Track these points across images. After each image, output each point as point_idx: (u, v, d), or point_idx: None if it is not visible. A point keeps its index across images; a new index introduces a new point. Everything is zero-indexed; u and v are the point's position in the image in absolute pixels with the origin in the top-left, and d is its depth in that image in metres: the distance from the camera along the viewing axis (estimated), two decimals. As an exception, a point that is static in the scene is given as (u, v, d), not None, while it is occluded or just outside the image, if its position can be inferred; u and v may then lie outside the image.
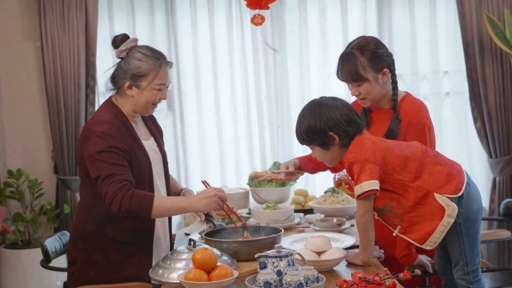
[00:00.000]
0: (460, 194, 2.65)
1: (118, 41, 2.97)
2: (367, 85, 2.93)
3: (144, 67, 2.91)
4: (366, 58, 2.92)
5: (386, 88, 2.99)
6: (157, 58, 2.94)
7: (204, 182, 2.92)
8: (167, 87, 3.02)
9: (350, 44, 3.01)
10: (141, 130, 3.07)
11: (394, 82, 3.00)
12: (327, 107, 2.68)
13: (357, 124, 2.69)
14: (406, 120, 2.96)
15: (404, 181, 2.64)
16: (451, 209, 2.61)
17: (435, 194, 2.63)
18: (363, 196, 2.61)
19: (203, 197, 2.85)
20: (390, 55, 3.01)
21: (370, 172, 2.60)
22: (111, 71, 3.03)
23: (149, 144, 3.06)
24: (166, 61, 2.98)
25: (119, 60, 2.98)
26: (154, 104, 3.00)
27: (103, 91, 5.15)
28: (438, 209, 2.62)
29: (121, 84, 2.96)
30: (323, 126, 2.65)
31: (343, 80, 3.00)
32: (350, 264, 2.75)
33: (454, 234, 2.66)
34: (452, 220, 2.61)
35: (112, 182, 2.77)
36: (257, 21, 3.59)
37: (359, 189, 2.61)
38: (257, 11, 3.49)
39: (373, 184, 2.60)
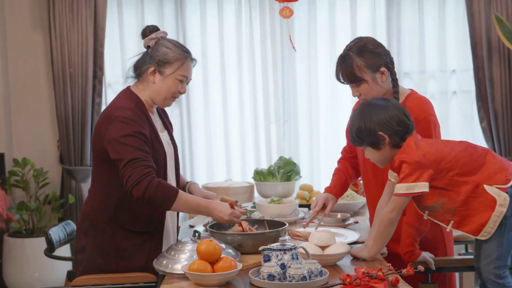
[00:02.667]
0: (510, 184, 2.65)
1: (148, 31, 3.03)
2: (366, 85, 2.93)
3: (171, 55, 2.97)
4: (361, 59, 2.92)
5: (386, 87, 2.98)
6: (185, 51, 3.01)
7: (231, 204, 2.95)
8: (187, 82, 3.06)
9: (346, 46, 3.01)
10: (157, 121, 3.09)
11: (394, 80, 2.98)
12: (377, 107, 2.71)
13: (406, 125, 2.70)
14: (412, 118, 2.95)
15: (454, 177, 2.64)
16: (503, 199, 2.62)
17: (485, 186, 2.64)
18: (402, 196, 2.63)
19: (219, 213, 2.89)
20: (387, 54, 2.99)
21: (419, 175, 2.61)
22: (133, 60, 3.07)
23: (164, 136, 3.08)
24: (192, 57, 3.05)
25: (145, 49, 3.03)
26: (173, 97, 3.02)
27: (110, 82, 5.25)
28: (490, 200, 2.62)
29: (144, 69, 2.99)
30: (372, 126, 2.68)
31: (342, 82, 3.00)
32: (354, 259, 2.75)
33: (499, 226, 2.66)
34: (505, 210, 2.62)
35: (138, 166, 2.78)
36: (285, 13, 3.60)
37: (403, 188, 2.62)
38: (285, 4, 3.50)
39: (420, 187, 2.61)
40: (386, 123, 2.68)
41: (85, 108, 5.08)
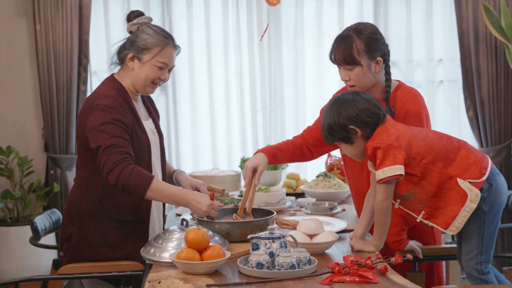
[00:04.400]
0: (484, 178, 2.64)
1: (133, 16, 3.01)
2: (359, 70, 2.89)
3: (150, 41, 2.94)
4: (362, 42, 2.88)
5: (378, 78, 2.96)
6: (166, 37, 2.97)
7: (211, 195, 2.91)
8: (170, 70, 3.02)
9: (347, 28, 2.98)
10: (141, 109, 3.07)
11: (388, 73, 2.95)
12: (346, 102, 2.69)
13: (377, 115, 2.68)
14: (404, 110, 2.93)
15: (428, 166, 2.63)
16: (474, 195, 2.61)
17: (458, 179, 2.63)
18: (384, 181, 2.60)
19: (197, 204, 2.81)
20: (386, 45, 2.98)
21: (394, 158, 2.59)
22: (118, 46, 3.05)
23: (148, 125, 3.06)
24: (174, 43, 3.00)
25: (129, 34, 3.01)
26: (154, 83, 2.99)
27: (95, 70, 5.20)
28: (461, 194, 2.62)
29: (124, 56, 2.97)
30: (342, 121, 2.66)
31: (335, 62, 2.95)
32: (341, 247, 2.75)
33: (477, 222, 2.65)
34: (474, 206, 2.61)
35: (114, 152, 2.76)
36: (272, 1, 3.58)
37: (381, 173, 2.60)
38: None
39: (396, 169, 2.59)
40: (356, 116, 2.66)
41: (70, 96, 5.03)
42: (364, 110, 2.66)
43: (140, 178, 2.75)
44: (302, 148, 3.22)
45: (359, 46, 2.87)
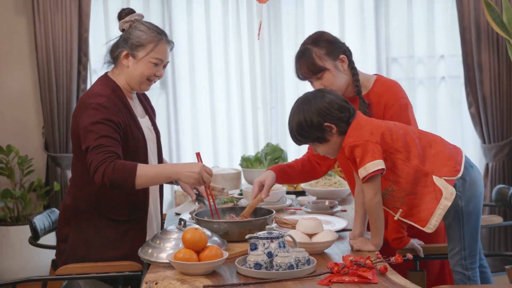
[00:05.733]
0: (459, 175, 2.62)
1: (124, 13, 2.99)
2: (329, 75, 2.89)
3: (144, 38, 2.92)
4: (321, 48, 2.90)
5: (349, 75, 2.96)
6: (159, 33, 2.95)
7: (198, 155, 2.87)
8: (165, 66, 2.99)
9: (302, 43, 2.99)
10: (136, 107, 3.05)
11: (354, 68, 2.96)
12: (314, 99, 2.65)
13: (347, 109, 2.65)
14: (383, 103, 2.93)
15: (403, 161, 2.61)
16: (449, 193, 2.59)
17: (434, 176, 2.61)
18: (368, 177, 2.57)
19: (188, 170, 2.76)
20: (343, 44, 2.98)
21: (373, 153, 2.56)
22: (110, 44, 3.02)
23: (144, 122, 3.04)
24: (167, 39, 2.98)
25: (122, 32, 2.98)
26: (149, 80, 2.97)
27: (95, 68, 5.19)
28: (437, 192, 2.60)
29: (118, 54, 2.95)
30: (315, 119, 2.61)
31: (303, 78, 2.97)
32: (341, 246, 2.72)
33: (456, 218, 2.63)
34: (449, 203, 2.58)
35: (99, 152, 2.73)
36: None
37: (363, 171, 2.56)
38: None
39: (378, 164, 2.55)
40: (326, 111, 2.61)
41: (70, 94, 5.01)
42: (333, 103, 2.61)
43: (124, 170, 2.71)
44: (311, 161, 3.22)
45: (319, 53, 2.90)
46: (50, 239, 4.75)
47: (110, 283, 2.99)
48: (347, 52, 2.96)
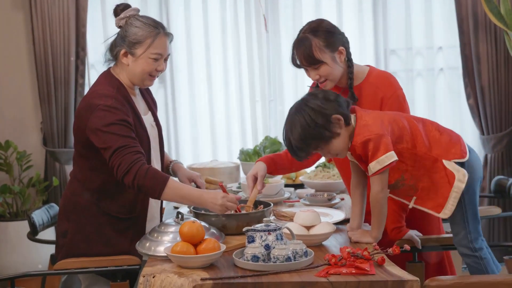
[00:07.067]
0: (467, 158, 2.64)
1: (119, 10, 2.95)
2: (326, 66, 2.87)
3: (140, 34, 2.88)
4: (320, 39, 2.87)
5: (344, 67, 2.94)
6: (155, 27, 2.90)
7: (221, 186, 2.88)
8: (166, 59, 2.96)
9: (301, 29, 2.96)
10: (140, 104, 3.03)
11: (350, 61, 2.94)
12: (306, 103, 2.61)
13: (340, 97, 2.64)
14: (380, 95, 2.92)
15: (411, 150, 2.62)
16: (461, 174, 2.61)
17: (443, 161, 2.62)
18: (382, 171, 2.57)
19: (212, 201, 2.75)
20: (343, 34, 2.96)
21: (386, 145, 2.55)
22: (109, 41, 2.99)
23: (147, 119, 3.02)
24: (165, 31, 2.93)
25: (119, 29, 2.95)
26: (151, 75, 2.94)
27: (93, 63, 5.18)
28: (449, 176, 2.61)
29: (117, 52, 2.92)
30: (320, 116, 2.57)
31: (298, 66, 2.95)
32: (339, 238, 2.72)
33: (458, 203, 2.64)
34: (463, 185, 2.60)
35: (127, 153, 2.72)
36: None
37: (377, 165, 2.55)
38: None
39: (391, 156, 2.55)
40: (326, 105, 2.58)
41: (68, 89, 5.00)
42: (327, 97, 2.60)
43: (155, 179, 2.72)
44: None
45: (318, 44, 2.87)
46: (49, 234, 4.76)
47: (108, 278, 2.99)
48: (346, 44, 2.94)
